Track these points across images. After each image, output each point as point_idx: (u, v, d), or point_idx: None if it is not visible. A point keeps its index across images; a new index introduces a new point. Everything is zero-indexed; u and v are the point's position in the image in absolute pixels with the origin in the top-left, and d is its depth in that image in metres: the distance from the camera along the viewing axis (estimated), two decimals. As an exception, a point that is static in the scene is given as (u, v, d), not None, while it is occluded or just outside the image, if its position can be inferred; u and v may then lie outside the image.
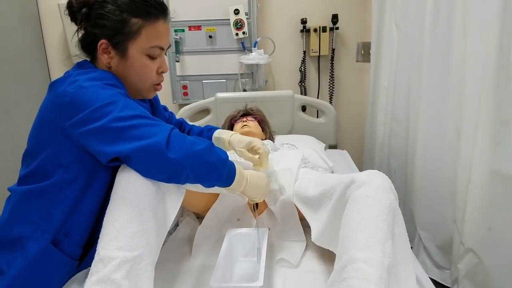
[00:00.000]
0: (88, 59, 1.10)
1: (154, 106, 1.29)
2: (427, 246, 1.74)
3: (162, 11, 1.07)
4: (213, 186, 1.02)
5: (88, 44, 1.07)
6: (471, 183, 1.34)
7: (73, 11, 1.04)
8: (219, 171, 0.98)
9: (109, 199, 0.92)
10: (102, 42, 1.02)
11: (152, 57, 1.07)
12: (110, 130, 0.88)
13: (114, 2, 1.01)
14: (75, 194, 0.99)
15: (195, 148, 0.92)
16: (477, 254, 1.36)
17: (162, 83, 1.16)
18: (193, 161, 0.92)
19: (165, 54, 1.14)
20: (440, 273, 1.68)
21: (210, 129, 1.43)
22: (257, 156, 1.24)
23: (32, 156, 1.00)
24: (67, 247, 1.01)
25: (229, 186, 1.03)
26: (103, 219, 0.90)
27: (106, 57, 1.04)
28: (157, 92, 1.20)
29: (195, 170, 0.93)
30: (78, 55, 1.10)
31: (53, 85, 0.99)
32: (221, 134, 1.35)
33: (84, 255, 1.06)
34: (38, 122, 1.01)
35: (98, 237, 0.89)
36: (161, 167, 0.90)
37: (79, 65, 1.08)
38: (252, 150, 1.25)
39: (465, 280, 1.43)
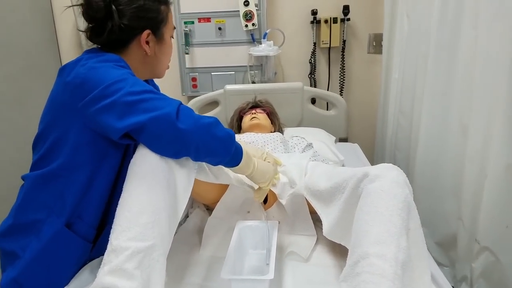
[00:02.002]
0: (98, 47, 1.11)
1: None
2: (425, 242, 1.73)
3: None
4: (222, 162, 1.02)
5: (118, 41, 1.08)
6: (487, 180, 1.31)
7: (97, 10, 1.03)
8: (227, 145, 0.99)
9: (119, 181, 0.92)
10: (145, 33, 1.08)
11: (172, 37, 1.19)
12: (122, 104, 0.89)
13: None
14: (87, 176, 0.99)
15: (204, 121, 0.93)
16: (494, 253, 1.33)
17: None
18: (202, 132, 0.92)
19: None
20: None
21: None
22: None
23: (43, 139, 1.01)
24: (81, 229, 1.02)
25: (237, 165, 1.03)
26: (114, 200, 0.91)
27: (147, 47, 1.10)
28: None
29: (204, 142, 0.93)
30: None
31: (63, 69, 1.00)
32: None
33: (97, 237, 1.07)
34: (49, 106, 1.03)
35: (110, 219, 0.89)
36: (171, 138, 0.90)
37: (88, 52, 1.08)
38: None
39: (480, 280, 1.40)
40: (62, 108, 0.98)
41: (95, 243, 1.07)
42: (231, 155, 1.01)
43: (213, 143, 0.95)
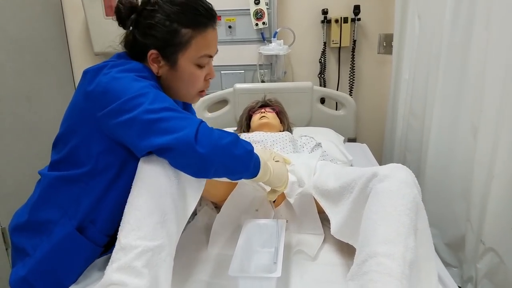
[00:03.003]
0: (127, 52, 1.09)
1: (185, 103, 1.29)
2: (434, 243, 1.70)
3: (211, 19, 1.06)
4: (240, 178, 1.01)
5: (137, 52, 1.06)
6: (494, 181, 1.30)
7: (121, 17, 1.04)
8: (246, 163, 0.97)
9: None
10: (152, 53, 1.02)
11: (200, 66, 1.07)
12: (141, 122, 0.88)
13: (163, 11, 1.00)
14: (106, 183, 1.00)
15: (222, 142, 0.91)
16: (498, 254, 1.33)
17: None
18: (221, 154, 0.91)
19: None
20: (446, 270, 1.66)
21: None
22: None
23: (64, 141, 1.01)
24: (92, 234, 1.03)
25: (255, 177, 1.02)
26: None
27: (155, 67, 1.04)
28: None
29: (223, 164, 0.92)
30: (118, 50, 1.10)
31: (86, 73, 0.98)
32: None
33: (111, 243, 1.07)
34: (71, 109, 1.02)
35: None
36: (190, 161, 0.90)
37: (118, 56, 1.07)
38: None
39: (484, 280, 1.40)
40: (82, 115, 0.97)
41: (108, 248, 1.08)
42: (250, 171, 0.99)
43: (232, 163, 0.94)
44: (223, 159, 0.91)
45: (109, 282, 0.82)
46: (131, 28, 1.04)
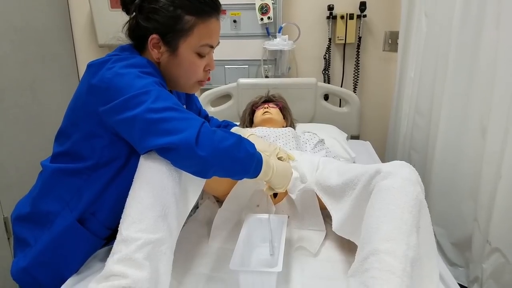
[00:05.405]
0: (132, 44, 1.09)
1: (189, 94, 1.29)
2: (441, 242, 1.72)
3: (215, 9, 1.05)
4: (241, 179, 1.01)
5: (138, 36, 1.05)
6: (501, 181, 1.30)
7: (125, 1, 1.04)
8: (247, 166, 0.96)
9: None
10: (153, 37, 1.01)
11: (201, 55, 1.07)
12: (142, 121, 0.88)
13: None
14: (108, 176, 1.00)
15: (224, 145, 0.91)
16: (504, 254, 1.32)
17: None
18: (221, 157, 0.90)
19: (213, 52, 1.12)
20: (453, 270, 1.66)
21: (227, 126, 1.42)
22: None
23: (66, 135, 1.01)
24: (93, 226, 1.03)
25: (255, 177, 1.01)
26: None
27: (156, 52, 1.04)
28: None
29: (223, 166, 0.92)
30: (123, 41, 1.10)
31: (90, 67, 0.98)
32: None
33: (112, 236, 1.07)
34: (74, 102, 1.01)
35: None
36: (190, 162, 0.90)
37: (122, 49, 1.07)
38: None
39: (490, 280, 1.40)
40: (85, 108, 0.97)
41: (110, 241, 1.08)
42: (251, 172, 0.99)
43: (232, 166, 0.94)
44: (223, 162, 0.91)
45: (110, 273, 0.83)
46: (134, 13, 1.04)
